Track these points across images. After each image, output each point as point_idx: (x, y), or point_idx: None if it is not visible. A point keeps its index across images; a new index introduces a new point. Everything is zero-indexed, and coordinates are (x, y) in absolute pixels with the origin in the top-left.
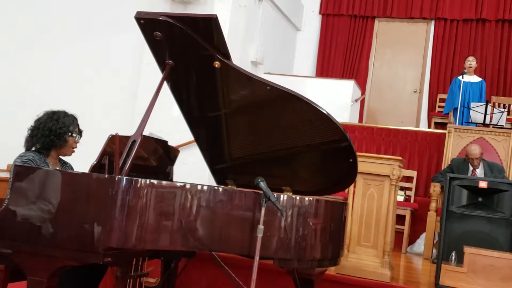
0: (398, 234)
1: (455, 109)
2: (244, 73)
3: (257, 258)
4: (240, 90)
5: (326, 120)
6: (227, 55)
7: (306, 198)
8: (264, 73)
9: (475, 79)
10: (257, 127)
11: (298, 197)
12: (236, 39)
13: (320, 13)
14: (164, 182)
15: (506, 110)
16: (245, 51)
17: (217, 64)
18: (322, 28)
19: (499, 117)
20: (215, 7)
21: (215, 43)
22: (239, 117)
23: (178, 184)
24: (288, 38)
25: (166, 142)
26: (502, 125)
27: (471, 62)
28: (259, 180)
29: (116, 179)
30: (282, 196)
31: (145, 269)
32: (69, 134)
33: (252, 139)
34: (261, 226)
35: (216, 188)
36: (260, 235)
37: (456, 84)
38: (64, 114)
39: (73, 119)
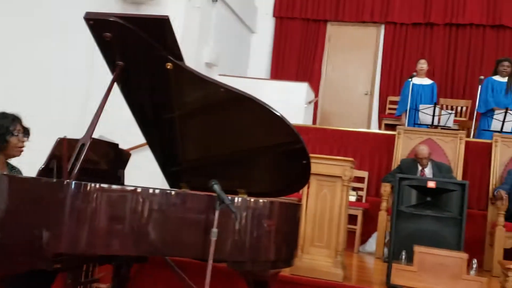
0: (351, 234)
1: (408, 111)
2: (198, 74)
3: (210, 261)
4: (194, 92)
5: (280, 122)
6: (179, 57)
7: (261, 200)
8: (219, 74)
9: (427, 81)
10: (211, 129)
11: (252, 199)
12: (190, 41)
13: (273, 15)
14: (114, 186)
15: (453, 111)
16: (199, 52)
17: (169, 65)
18: (276, 30)
19: (447, 118)
20: (168, 8)
21: (167, 44)
22: (193, 119)
23: (129, 188)
24: (243, 40)
25: (117, 145)
26: (450, 127)
27: (423, 65)
28: (213, 183)
29: (65, 183)
30: (236, 198)
31: (96, 275)
32: (10, 134)
33: (206, 141)
34: (215, 229)
35: (168, 191)
36: (214, 238)
37: (408, 86)
38: (2, 115)
39: (12, 119)
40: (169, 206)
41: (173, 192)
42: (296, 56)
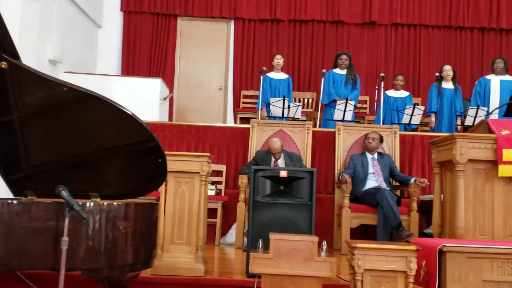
0: (211, 227)
1: (267, 105)
2: (37, 73)
3: (63, 272)
4: (35, 92)
5: (131, 120)
6: (15, 55)
7: (115, 203)
8: (65, 72)
9: (283, 76)
10: (58, 130)
11: (106, 203)
12: (29, 37)
13: (121, 10)
14: None
15: (300, 104)
16: (42, 49)
17: (3, 64)
18: (125, 25)
19: (295, 110)
20: (1, 2)
21: (0, 42)
22: (36, 121)
23: None
24: (89, 36)
25: None
26: (298, 118)
27: (279, 60)
28: (60, 188)
29: None
30: (88, 203)
31: None
32: None
33: (52, 144)
34: (65, 238)
35: (10, 200)
36: (64, 247)
37: (266, 81)
38: None
39: None
40: (11, 217)
41: (15, 201)
42: (147, 51)
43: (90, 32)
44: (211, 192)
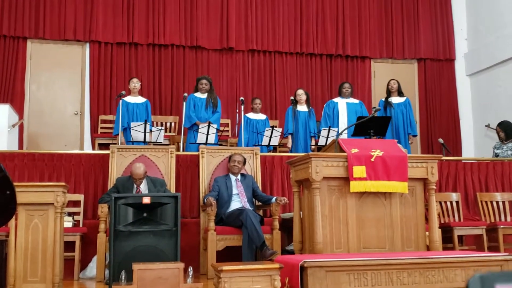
0: (69, 262)
1: (125, 129)
2: None
3: None
4: None
5: None
6: None
7: None
8: None
9: (140, 99)
10: None
11: None
12: None
13: None
14: None
15: (163, 128)
16: None
17: None
18: None
19: (158, 134)
20: None
21: None
22: None
23: None
24: None
25: None
26: (161, 142)
27: (136, 84)
28: None
29: None
30: None
31: None
32: None
33: None
34: None
35: None
36: None
37: (123, 105)
38: None
39: None
40: None
41: None
42: None
43: None
44: (68, 224)
